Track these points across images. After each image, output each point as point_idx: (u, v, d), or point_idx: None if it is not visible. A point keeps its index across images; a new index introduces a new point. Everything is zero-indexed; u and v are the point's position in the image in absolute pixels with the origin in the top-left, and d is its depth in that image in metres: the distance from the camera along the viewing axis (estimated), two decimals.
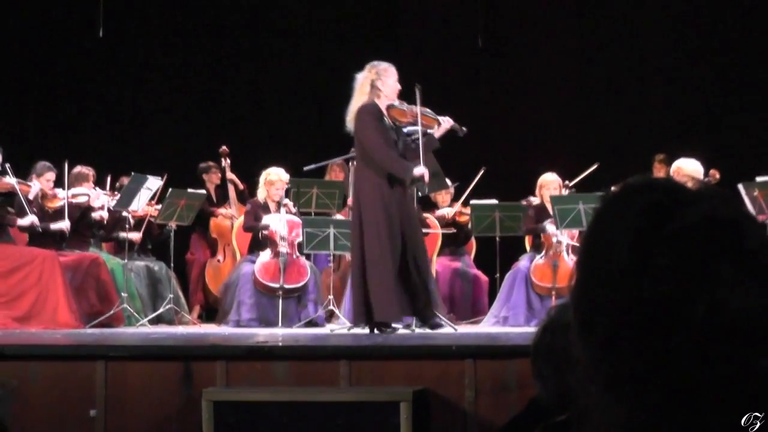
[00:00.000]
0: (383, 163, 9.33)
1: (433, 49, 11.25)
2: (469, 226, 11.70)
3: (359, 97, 9.43)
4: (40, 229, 10.73)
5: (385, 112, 9.39)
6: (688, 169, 10.47)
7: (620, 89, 14.04)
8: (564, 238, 11.06)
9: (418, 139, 9.35)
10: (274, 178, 11.48)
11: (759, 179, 10.57)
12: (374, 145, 9.35)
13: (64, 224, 10.88)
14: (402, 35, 14.49)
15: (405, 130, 9.50)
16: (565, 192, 11.35)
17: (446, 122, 9.45)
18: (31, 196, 10.76)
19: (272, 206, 11.49)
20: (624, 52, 14.15)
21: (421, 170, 9.25)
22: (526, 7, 14.38)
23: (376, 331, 9.26)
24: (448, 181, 10.99)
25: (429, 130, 9.48)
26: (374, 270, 9.24)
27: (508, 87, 13.66)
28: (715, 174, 10.84)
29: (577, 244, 10.93)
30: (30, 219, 10.61)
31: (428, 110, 9.48)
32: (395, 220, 9.24)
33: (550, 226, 11.17)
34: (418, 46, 13.08)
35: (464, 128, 9.54)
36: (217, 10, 14.60)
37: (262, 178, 11.57)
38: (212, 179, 12.96)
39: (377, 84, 9.41)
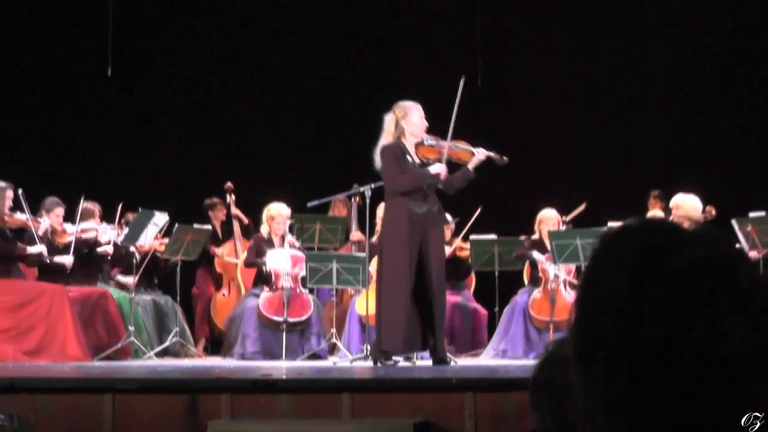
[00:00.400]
0: (404, 188, 9.37)
1: (434, 88, 11.28)
2: (469, 260, 11.71)
3: (386, 137, 9.50)
4: (48, 260, 10.71)
5: (412, 150, 9.42)
6: (688, 204, 10.51)
7: (616, 126, 14.06)
8: (561, 273, 11.07)
9: (457, 176, 9.40)
10: (275, 213, 11.50)
11: (752, 215, 10.59)
12: (390, 178, 9.42)
13: (68, 259, 10.86)
14: (403, 75, 14.53)
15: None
16: (562, 228, 11.37)
17: (480, 153, 9.42)
18: (40, 232, 10.75)
19: (276, 241, 11.51)
20: (619, 90, 14.19)
21: (436, 168, 9.31)
22: (523, 47, 14.43)
23: (378, 363, 9.28)
24: (448, 216, 11.00)
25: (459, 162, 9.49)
26: (387, 301, 9.34)
27: (506, 125, 13.68)
28: (711, 210, 10.88)
29: (574, 280, 10.96)
30: (40, 248, 10.58)
31: (460, 143, 9.45)
32: (414, 256, 9.27)
33: (537, 254, 11.21)
34: (419, 86, 13.10)
35: (505, 158, 9.50)
36: (222, 50, 14.66)
37: (264, 214, 11.59)
38: (218, 216, 12.99)
39: (402, 123, 9.46)
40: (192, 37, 14.62)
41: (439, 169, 9.32)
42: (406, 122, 9.47)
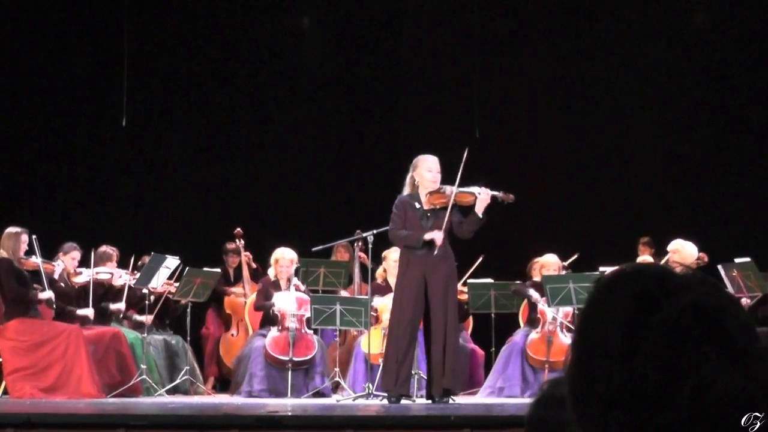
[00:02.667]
0: (397, 243, 9.74)
1: (432, 140, 11.32)
2: (466, 305, 11.70)
3: (405, 189, 9.65)
4: (54, 306, 10.69)
5: (424, 199, 9.48)
6: (686, 251, 10.61)
7: (608, 176, 14.10)
8: (559, 316, 11.06)
9: (466, 220, 9.45)
10: (278, 257, 11.51)
11: (737, 261, 10.60)
12: (389, 231, 9.63)
13: (89, 311, 10.91)
14: (404, 126, 14.58)
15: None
16: (563, 272, 11.36)
17: (484, 194, 9.42)
18: (56, 276, 10.78)
19: (283, 284, 11.50)
20: (610, 141, 14.22)
21: (431, 235, 9.34)
22: (519, 101, 14.47)
23: (384, 401, 9.35)
24: None
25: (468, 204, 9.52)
26: (388, 341, 9.54)
27: (502, 174, 13.69)
28: (704, 257, 10.91)
29: (570, 324, 10.96)
30: (48, 294, 10.59)
31: (466, 188, 9.46)
32: (413, 297, 9.32)
33: (533, 292, 11.22)
34: (420, 137, 13.15)
35: (511, 195, 9.51)
36: (233, 101, 14.71)
37: (272, 258, 11.61)
38: (231, 262, 12.99)
39: (414, 176, 9.57)
40: (201, 89, 14.66)
41: (431, 236, 9.34)
42: (417, 174, 9.56)
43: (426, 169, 9.53)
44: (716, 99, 14.05)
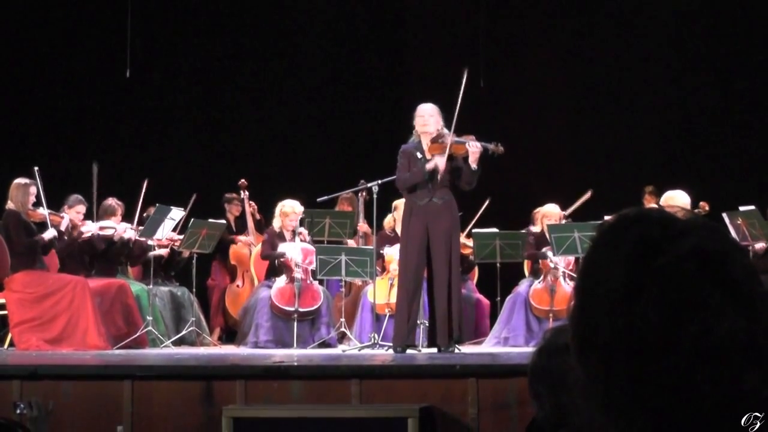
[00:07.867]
0: (402, 184, 9.64)
1: (437, 87, 11.26)
2: (471, 256, 11.69)
3: (411, 139, 9.72)
4: (57, 240, 10.68)
5: (427, 147, 9.52)
6: (677, 201, 10.42)
7: (613, 124, 14.05)
8: (560, 265, 11.06)
9: (462, 172, 9.47)
10: (288, 210, 11.49)
11: (742, 209, 10.58)
12: (396, 178, 9.65)
13: (51, 233, 10.69)
14: (408, 75, 14.53)
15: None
16: (563, 222, 11.35)
17: (473, 146, 9.42)
18: (62, 228, 10.78)
19: (287, 235, 11.50)
20: (616, 89, 14.18)
21: (432, 164, 9.39)
22: (524, 48, 14.42)
23: (390, 351, 9.39)
24: None
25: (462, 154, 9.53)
26: (398, 294, 9.60)
27: (507, 124, 13.66)
28: (705, 206, 10.84)
29: (573, 273, 10.96)
30: (52, 232, 10.59)
31: (462, 138, 9.48)
32: (417, 248, 9.33)
33: (549, 253, 11.18)
34: (423, 85, 13.09)
35: (500, 146, 9.47)
36: (235, 53, 14.67)
37: (277, 210, 11.57)
38: (233, 210, 12.97)
39: (414, 125, 9.64)
40: (206, 41, 14.62)
41: (432, 164, 9.39)
42: (415, 123, 9.63)
43: (418, 115, 9.65)
44: (721, 46, 13.98)
